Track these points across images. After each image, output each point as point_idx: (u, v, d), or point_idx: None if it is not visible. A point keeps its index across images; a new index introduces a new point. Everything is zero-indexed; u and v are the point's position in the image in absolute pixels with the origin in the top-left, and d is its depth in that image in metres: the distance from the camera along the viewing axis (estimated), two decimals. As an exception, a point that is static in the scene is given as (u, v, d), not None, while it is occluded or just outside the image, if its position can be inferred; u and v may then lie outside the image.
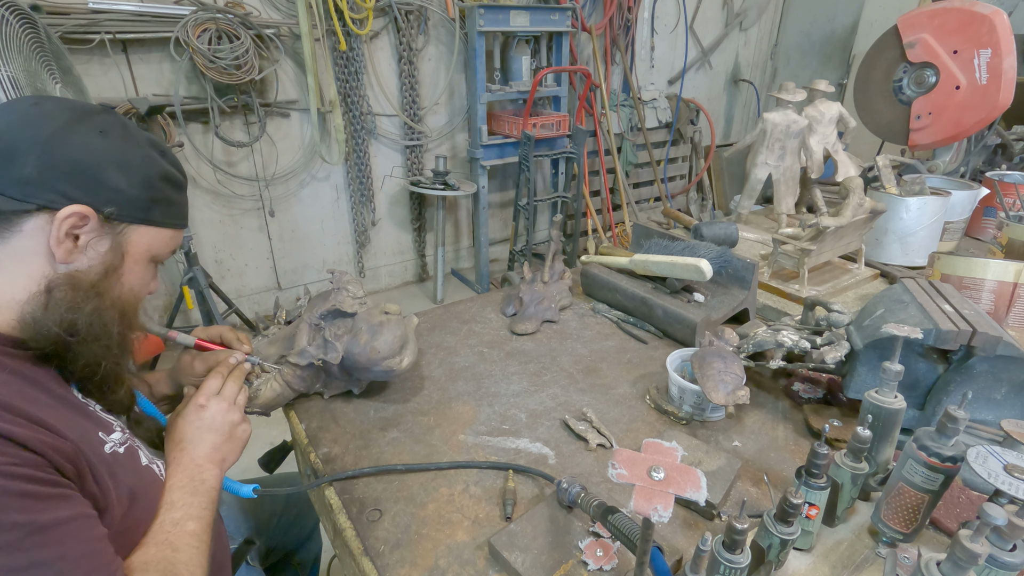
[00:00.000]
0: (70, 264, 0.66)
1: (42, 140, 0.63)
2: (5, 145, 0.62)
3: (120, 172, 0.67)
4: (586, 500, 0.76)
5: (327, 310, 1.02)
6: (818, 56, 5.06)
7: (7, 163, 0.62)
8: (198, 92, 2.80)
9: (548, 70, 3.42)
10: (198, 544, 0.71)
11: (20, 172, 0.62)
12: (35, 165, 0.62)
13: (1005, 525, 0.54)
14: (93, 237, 0.67)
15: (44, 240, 0.64)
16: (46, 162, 0.63)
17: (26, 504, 0.51)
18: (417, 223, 3.84)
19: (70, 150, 0.64)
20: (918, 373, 0.91)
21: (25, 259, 0.64)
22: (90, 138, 0.65)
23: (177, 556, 0.68)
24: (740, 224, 1.98)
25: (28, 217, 0.63)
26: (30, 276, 0.64)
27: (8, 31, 1.57)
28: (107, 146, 0.66)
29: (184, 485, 0.75)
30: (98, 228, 0.67)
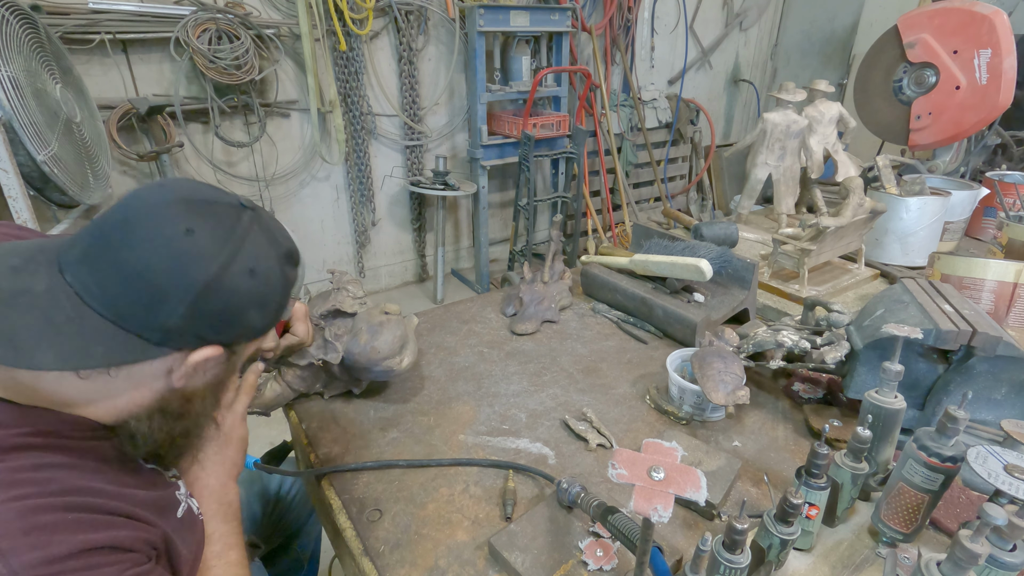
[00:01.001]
0: (186, 386, 0.64)
1: (196, 291, 0.57)
2: (153, 288, 0.56)
3: (259, 311, 0.64)
4: (586, 500, 0.76)
5: (327, 310, 1.02)
6: (818, 56, 5.06)
7: (153, 309, 0.56)
8: (198, 92, 2.80)
9: (548, 70, 3.42)
10: (242, 571, 0.75)
11: (165, 321, 0.57)
12: (182, 315, 0.57)
13: (1005, 525, 0.54)
14: (213, 365, 0.65)
15: (166, 367, 0.61)
16: (195, 313, 0.58)
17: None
18: (417, 223, 3.84)
19: (220, 299, 0.59)
20: (918, 373, 0.91)
21: (142, 382, 0.61)
22: (241, 281, 0.60)
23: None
24: (740, 224, 1.98)
25: (160, 357, 0.59)
26: (141, 393, 0.62)
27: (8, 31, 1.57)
28: (254, 287, 0.62)
29: (215, 513, 0.78)
30: (223, 359, 0.64)
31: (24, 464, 0.55)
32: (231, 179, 3.07)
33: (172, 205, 0.58)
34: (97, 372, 0.58)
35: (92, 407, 0.61)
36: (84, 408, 0.60)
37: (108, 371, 0.58)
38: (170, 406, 0.64)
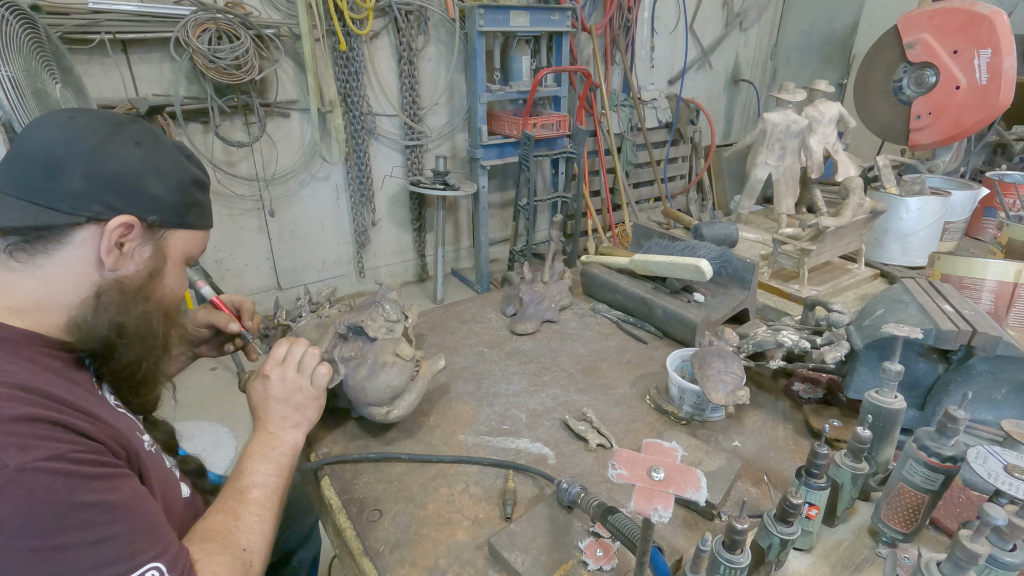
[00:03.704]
0: (117, 271, 0.69)
1: (84, 153, 0.65)
2: (50, 159, 0.64)
3: (157, 180, 0.70)
4: (586, 500, 0.76)
5: (353, 324, 0.98)
6: (818, 56, 5.07)
7: (54, 177, 0.64)
8: (198, 92, 2.80)
9: (548, 70, 3.42)
10: (260, 512, 0.74)
11: (67, 186, 0.64)
12: (81, 179, 0.64)
13: (1005, 525, 0.54)
14: (137, 244, 0.70)
15: (93, 250, 0.66)
16: (91, 175, 0.65)
17: (95, 485, 0.55)
18: (417, 223, 3.84)
19: (111, 162, 0.66)
20: (918, 373, 0.91)
21: (75, 268, 0.66)
22: (127, 148, 0.68)
23: (238, 524, 0.71)
24: (740, 224, 1.98)
25: (77, 229, 0.65)
26: (79, 283, 0.67)
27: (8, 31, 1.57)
28: (143, 156, 0.69)
29: (255, 452, 0.80)
30: (142, 235, 0.70)
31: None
32: (231, 179, 3.07)
33: (59, 110, 0.70)
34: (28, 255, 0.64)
35: (43, 312, 0.65)
36: (36, 316, 0.65)
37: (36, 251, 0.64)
38: (106, 292, 0.68)
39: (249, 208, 3.22)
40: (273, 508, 0.76)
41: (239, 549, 0.69)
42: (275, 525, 0.75)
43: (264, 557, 0.72)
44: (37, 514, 0.50)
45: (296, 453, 0.84)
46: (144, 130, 0.72)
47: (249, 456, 0.79)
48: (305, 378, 0.89)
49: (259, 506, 0.74)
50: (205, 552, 0.65)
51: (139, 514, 0.59)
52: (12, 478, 0.49)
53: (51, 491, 0.51)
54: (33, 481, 0.50)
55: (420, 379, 0.99)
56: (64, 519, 0.52)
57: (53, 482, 0.52)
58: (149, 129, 0.73)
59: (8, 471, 0.49)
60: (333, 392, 1.00)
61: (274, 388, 0.86)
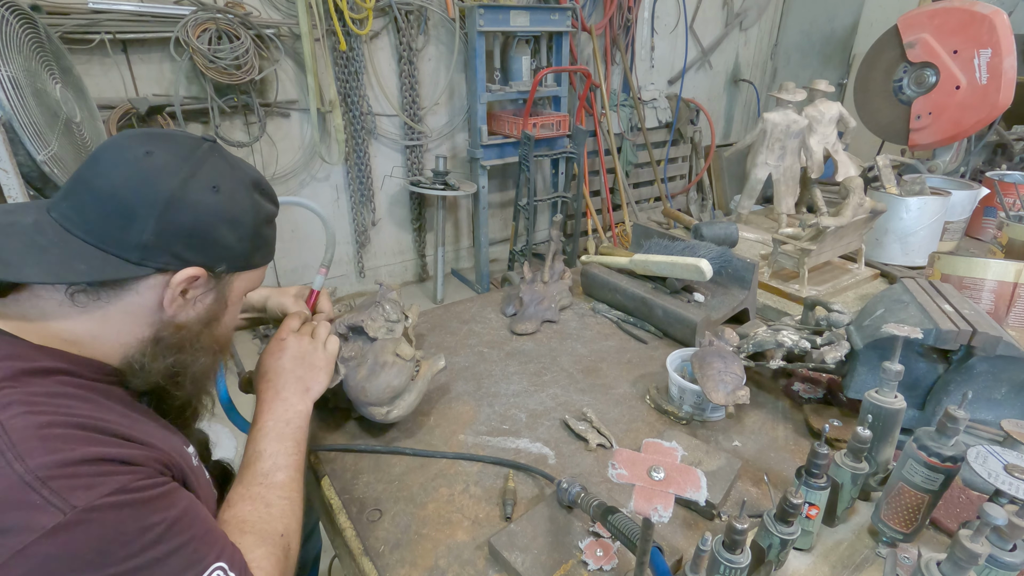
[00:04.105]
0: (177, 316, 0.69)
1: (161, 204, 0.62)
2: (123, 206, 0.62)
3: (230, 229, 0.68)
4: (586, 500, 0.76)
5: (353, 324, 0.98)
6: (818, 56, 5.07)
7: (125, 226, 0.62)
8: (198, 92, 2.80)
9: (548, 70, 3.42)
10: (288, 495, 0.74)
11: (139, 237, 0.62)
12: (153, 231, 0.62)
13: (1005, 525, 0.54)
14: (201, 292, 0.70)
15: (156, 297, 0.66)
16: (164, 227, 0.63)
17: (157, 505, 0.57)
18: (417, 223, 3.84)
19: (186, 213, 0.64)
20: (918, 373, 0.91)
21: (135, 312, 0.66)
22: (204, 196, 0.66)
23: (271, 512, 0.71)
24: (740, 224, 1.98)
25: (144, 279, 0.65)
26: (138, 325, 0.67)
27: (8, 31, 1.57)
28: (219, 202, 0.67)
29: (270, 430, 0.79)
30: (206, 284, 0.69)
31: (39, 390, 0.57)
32: (231, 179, 3.07)
33: (132, 138, 0.66)
34: (90, 298, 0.63)
35: (98, 345, 0.65)
36: (91, 347, 0.65)
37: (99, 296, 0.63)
38: (165, 337, 0.68)
39: (249, 208, 3.22)
40: (298, 487, 0.76)
41: (277, 535, 0.70)
42: (302, 502, 0.76)
43: (299, 536, 0.73)
44: (109, 546, 0.53)
45: (307, 422, 0.84)
46: (222, 167, 0.69)
47: (264, 435, 0.79)
48: (320, 343, 0.90)
49: (286, 489, 0.74)
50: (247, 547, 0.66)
51: (197, 521, 0.61)
52: (82, 518, 0.52)
53: (119, 522, 0.54)
54: (103, 517, 0.53)
55: (420, 379, 0.99)
56: (134, 544, 0.54)
57: (120, 513, 0.54)
58: (226, 163, 0.70)
59: (78, 512, 0.51)
60: (333, 392, 0.99)
61: (291, 348, 0.87)
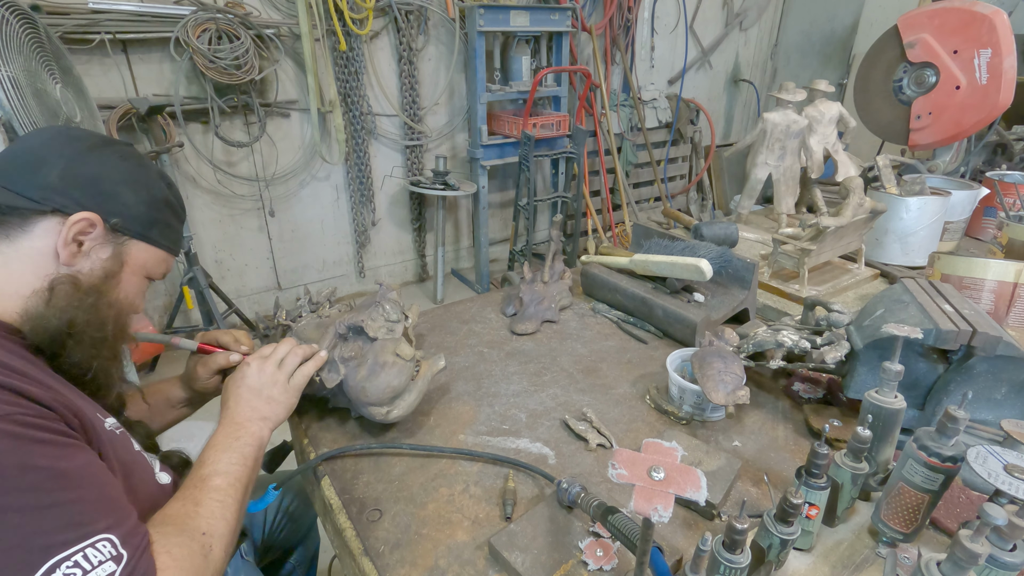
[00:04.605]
0: (73, 266, 0.70)
1: (68, 155, 0.70)
2: (35, 156, 0.69)
3: (130, 190, 0.74)
4: (586, 500, 0.76)
5: (352, 324, 0.98)
6: (818, 56, 5.07)
7: (33, 170, 0.68)
8: (198, 92, 2.80)
9: (548, 70, 3.42)
10: (222, 499, 0.72)
11: (43, 179, 0.68)
12: (58, 175, 0.68)
13: (1005, 525, 0.54)
14: (97, 244, 0.72)
15: (52, 242, 0.68)
16: (68, 173, 0.69)
17: (45, 450, 0.55)
18: (417, 223, 3.84)
19: (91, 166, 0.71)
20: (918, 373, 0.91)
21: (33, 258, 0.68)
22: (112, 159, 0.73)
23: (198, 510, 0.70)
24: (740, 224, 1.98)
25: (41, 219, 0.68)
26: (35, 274, 0.68)
27: (8, 31, 1.57)
28: (124, 168, 0.74)
29: (218, 443, 0.79)
30: (102, 236, 0.72)
31: None
32: (231, 179, 3.07)
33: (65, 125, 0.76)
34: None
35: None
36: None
37: None
38: (60, 287, 0.69)
39: (249, 208, 3.22)
40: (236, 496, 0.74)
41: (198, 532, 0.67)
42: (238, 513, 0.74)
43: (226, 544, 0.70)
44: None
45: (261, 446, 0.83)
46: (133, 153, 0.76)
47: (212, 447, 0.79)
48: (283, 374, 0.90)
49: (220, 492, 0.73)
50: (162, 534, 0.63)
51: (92, 485, 0.58)
52: None
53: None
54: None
55: (420, 379, 0.98)
56: (9, 481, 0.51)
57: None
58: (138, 154, 0.77)
59: None
60: (333, 392, 1.00)
61: (250, 377, 0.88)
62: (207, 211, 3.09)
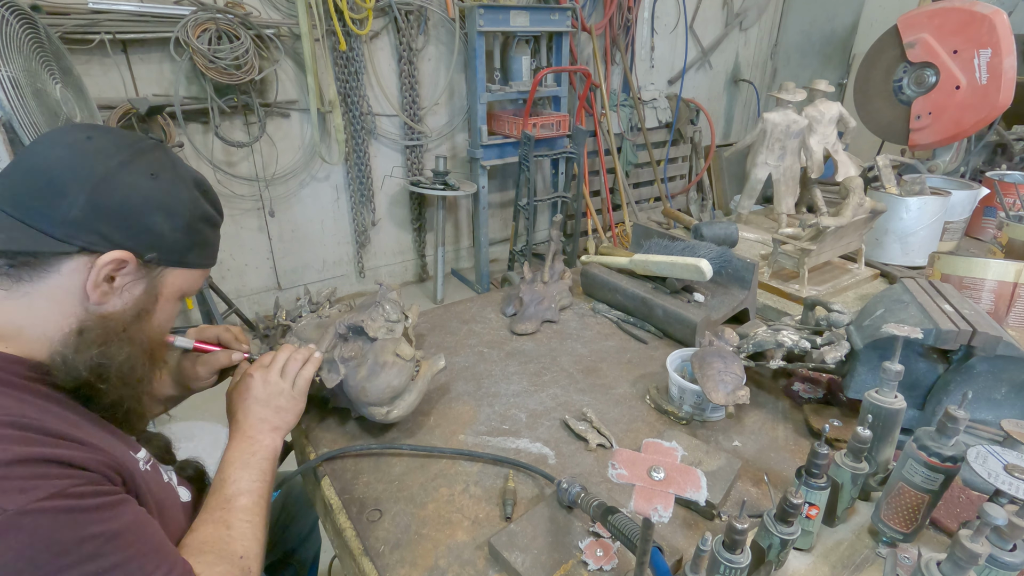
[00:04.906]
0: (103, 305, 0.65)
1: (93, 181, 0.61)
2: (52, 181, 0.60)
3: (165, 217, 0.66)
4: (586, 500, 0.76)
5: (353, 324, 0.98)
6: (818, 56, 5.06)
7: (54, 201, 0.60)
8: (198, 92, 2.80)
9: (548, 70, 3.42)
10: (250, 518, 0.73)
11: (66, 213, 0.60)
12: (82, 207, 0.60)
13: (1005, 525, 0.54)
14: (129, 281, 0.66)
15: (80, 281, 0.63)
16: (93, 204, 0.61)
17: (97, 516, 0.55)
18: (417, 223, 3.84)
19: (119, 192, 0.62)
20: (918, 373, 0.91)
21: (59, 299, 0.63)
22: (140, 180, 0.64)
23: (231, 533, 0.70)
24: (740, 224, 1.98)
25: (67, 259, 0.62)
26: (63, 315, 0.63)
27: (8, 31, 1.57)
28: (156, 189, 0.65)
29: (235, 460, 0.79)
30: (135, 272, 0.66)
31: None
32: (231, 179, 3.07)
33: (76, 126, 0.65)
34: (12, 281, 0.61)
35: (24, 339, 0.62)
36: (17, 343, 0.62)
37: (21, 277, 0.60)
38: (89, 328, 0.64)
39: (249, 208, 3.22)
40: (261, 513, 0.75)
41: (236, 556, 0.68)
42: (265, 529, 0.75)
43: (260, 562, 0.72)
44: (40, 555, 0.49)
45: (275, 457, 0.83)
46: (164, 160, 0.68)
47: (230, 464, 0.78)
48: (287, 381, 0.89)
49: (248, 512, 0.73)
50: (205, 563, 0.64)
51: (143, 537, 0.58)
52: (13, 522, 0.48)
53: (54, 529, 0.51)
54: (35, 523, 0.49)
55: (420, 379, 0.98)
56: (68, 556, 0.51)
57: (55, 520, 0.51)
58: (170, 158, 0.69)
59: (8, 515, 0.48)
60: (333, 392, 1.00)
61: (255, 389, 0.86)
62: (207, 211, 3.09)
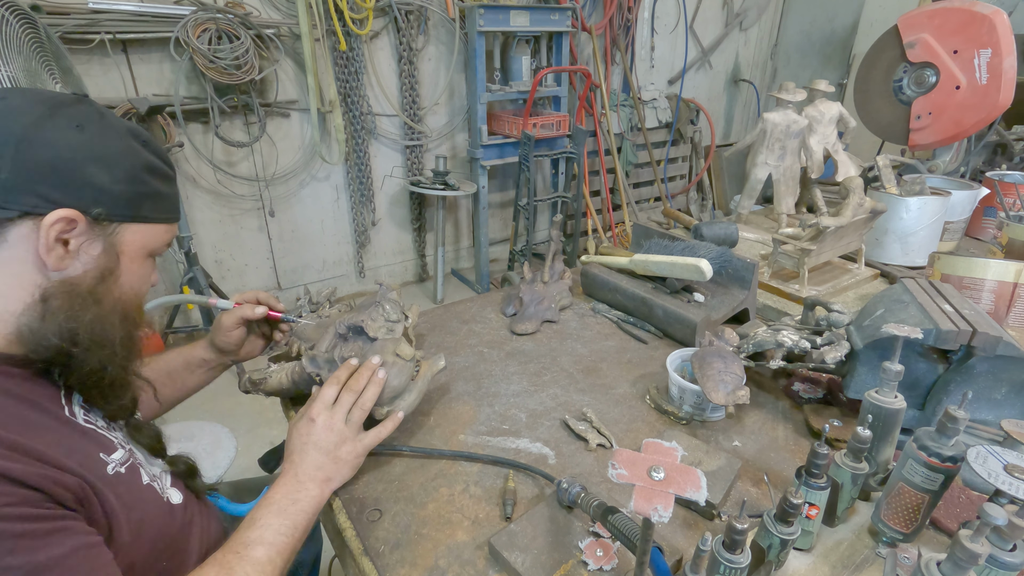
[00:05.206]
0: (63, 271, 0.63)
1: (14, 140, 0.58)
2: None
3: (102, 168, 0.63)
4: (586, 500, 0.76)
5: (352, 324, 0.97)
6: (818, 56, 5.06)
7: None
8: (198, 92, 2.80)
9: (548, 70, 3.42)
10: (259, 571, 0.67)
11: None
12: (10, 168, 0.58)
13: (1005, 525, 0.54)
14: (84, 241, 0.63)
15: (32, 248, 0.60)
16: (22, 164, 0.58)
17: (23, 544, 0.50)
18: (417, 223, 3.84)
19: (45, 148, 0.59)
20: (918, 373, 0.91)
21: (14, 270, 0.60)
22: (66, 133, 0.61)
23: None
24: (740, 224, 1.98)
25: (11, 225, 0.59)
26: (22, 287, 0.61)
27: (8, 31, 1.57)
28: (85, 141, 0.62)
29: (274, 503, 0.75)
30: (88, 231, 0.63)
31: None
32: (231, 179, 3.07)
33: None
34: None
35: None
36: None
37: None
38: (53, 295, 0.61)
39: (249, 208, 3.22)
40: (275, 571, 0.70)
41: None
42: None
43: None
44: None
45: (318, 510, 0.79)
46: (88, 111, 0.64)
47: (267, 505, 0.74)
48: (353, 431, 0.85)
49: (259, 566, 0.67)
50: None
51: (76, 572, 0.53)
52: None
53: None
54: None
55: (420, 379, 0.98)
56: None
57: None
58: (96, 110, 0.65)
59: None
60: None
61: (318, 434, 0.82)
62: (207, 211, 3.09)
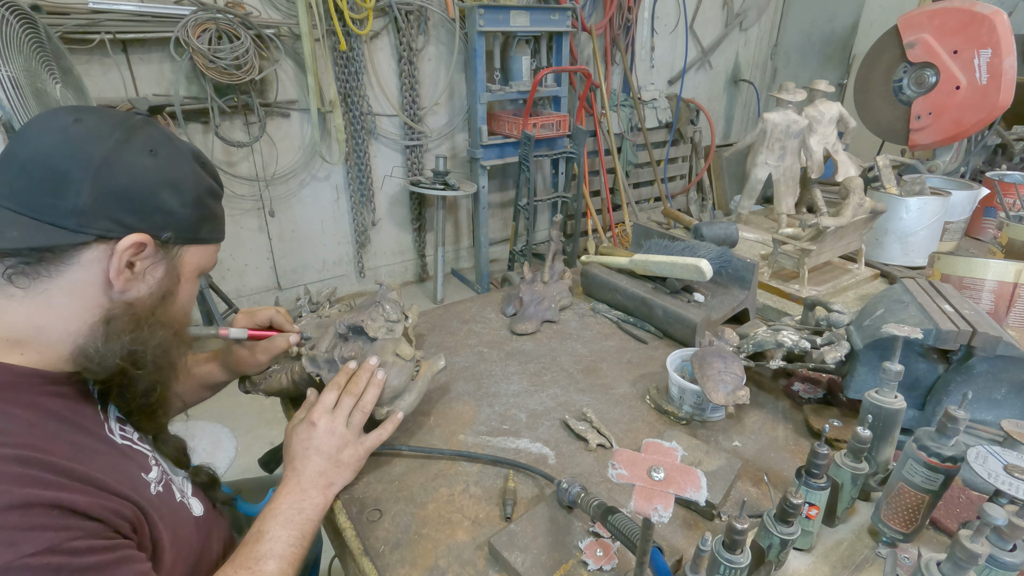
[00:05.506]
0: (127, 292, 0.64)
1: (95, 166, 0.59)
2: (54, 171, 0.58)
3: (172, 193, 0.65)
4: (586, 500, 0.76)
5: (352, 324, 0.97)
6: (818, 56, 5.07)
7: (59, 192, 0.58)
8: (198, 92, 2.80)
9: (548, 70, 3.42)
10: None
11: (75, 202, 0.58)
12: (89, 194, 0.59)
13: (1005, 525, 0.54)
14: (150, 264, 0.65)
15: (102, 271, 0.61)
16: (100, 189, 0.59)
17: None
18: (417, 223, 3.84)
19: (124, 174, 0.61)
20: (918, 373, 0.91)
21: (82, 291, 0.61)
22: (141, 159, 0.63)
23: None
24: (740, 224, 1.98)
25: (85, 249, 0.60)
26: (87, 308, 0.62)
27: (8, 31, 1.57)
28: (158, 166, 0.64)
29: (280, 513, 0.75)
30: (154, 254, 0.65)
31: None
32: (231, 179, 3.07)
33: (60, 110, 0.63)
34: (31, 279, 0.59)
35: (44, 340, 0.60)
36: (38, 345, 0.60)
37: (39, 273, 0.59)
38: (117, 317, 0.63)
39: (249, 208, 3.23)
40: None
41: None
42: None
43: None
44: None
45: (322, 516, 0.80)
46: (159, 135, 0.66)
47: (273, 516, 0.75)
48: (353, 432, 0.85)
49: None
50: None
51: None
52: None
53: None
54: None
55: (420, 379, 0.98)
56: None
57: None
58: (163, 133, 0.67)
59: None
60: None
61: (320, 439, 0.83)
62: (207, 211, 3.09)
